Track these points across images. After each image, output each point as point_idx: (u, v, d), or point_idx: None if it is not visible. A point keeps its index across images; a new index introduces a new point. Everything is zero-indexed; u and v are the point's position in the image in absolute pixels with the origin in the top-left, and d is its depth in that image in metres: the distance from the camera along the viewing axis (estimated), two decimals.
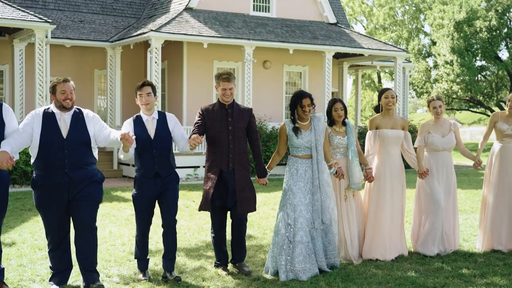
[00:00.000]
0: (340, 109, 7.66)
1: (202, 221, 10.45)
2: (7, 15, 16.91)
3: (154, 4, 23.29)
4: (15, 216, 11.03)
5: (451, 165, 8.31)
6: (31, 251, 8.13)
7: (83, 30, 21.04)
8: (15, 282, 6.59)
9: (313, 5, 23.14)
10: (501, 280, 6.77)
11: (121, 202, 13.08)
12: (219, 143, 6.89)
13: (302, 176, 7.04)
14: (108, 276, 6.91)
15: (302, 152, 7.09)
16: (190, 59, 21.02)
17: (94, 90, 22.28)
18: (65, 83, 6.17)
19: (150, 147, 6.64)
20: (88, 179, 6.19)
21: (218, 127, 6.89)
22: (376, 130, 8.02)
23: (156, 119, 6.74)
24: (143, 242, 6.83)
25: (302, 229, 6.89)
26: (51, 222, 6.23)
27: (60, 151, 6.07)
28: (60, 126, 6.14)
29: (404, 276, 6.88)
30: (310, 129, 7.12)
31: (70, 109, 6.20)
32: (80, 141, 6.15)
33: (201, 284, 6.60)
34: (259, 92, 21.74)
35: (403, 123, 8.11)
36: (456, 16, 37.94)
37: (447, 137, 8.18)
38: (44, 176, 6.12)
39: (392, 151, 7.95)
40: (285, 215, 6.97)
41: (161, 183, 6.68)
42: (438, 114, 8.20)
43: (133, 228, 9.89)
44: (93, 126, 6.29)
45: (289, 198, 7.01)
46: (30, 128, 6.11)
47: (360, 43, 22.63)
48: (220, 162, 6.90)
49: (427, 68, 42.37)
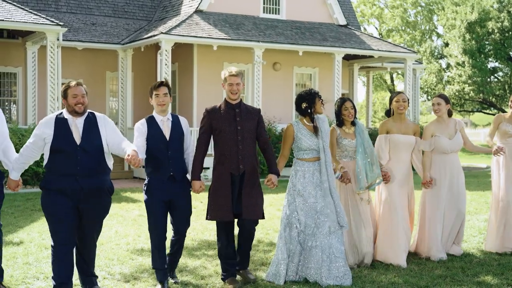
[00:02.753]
0: (350, 108, 7.43)
1: (206, 222, 10.57)
2: (19, 18, 17.19)
3: (165, 6, 23.51)
4: (25, 216, 11.25)
5: (459, 166, 8.13)
6: (37, 250, 8.33)
7: (95, 33, 21.30)
8: (20, 280, 6.79)
9: (323, 7, 23.24)
10: (493, 279, 6.86)
11: (130, 203, 13.27)
12: (227, 144, 6.53)
13: (310, 180, 6.81)
14: (110, 274, 7.09)
15: (309, 154, 6.86)
16: (200, 61, 21.21)
17: (106, 92, 22.54)
18: (76, 87, 5.93)
19: (166, 149, 6.42)
20: (98, 189, 5.99)
21: (226, 128, 6.55)
22: (386, 134, 7.78)
23: (171, 121, 6.55)
24: (160, 250, 6.50)
25: (314, 234, 6.70)
26: (56, 223, 5.97)
27: (72, 158, 5.86)
28: (73, 132, 5.92)
29: (398, 275, 7.00)
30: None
31: (82, 114, 5.99)
32: (93, 147, 5.93)
33: (199, 282, 6.77)
34: (268, 93, 21.87)
35: (415, 128, 7.87)
36: (468, 17, 37.89)
37: (455, 139, 7.97)
38: (54, 181, 5.92)
39: (402, 157, 7.73)
40: (295, 221, 6.76)
41: (175, 187, 6.45)
42: (436, 112, 8.01)
43: (139, 228, 10.09)
44: (106, 130, 6.05)
45: (299, 203, 6.78)
46: (41, 141, 5.95)
47: (370, 44, 22.71)
48: (229, 165, 6.54)
49: (439, 70, 42.30)
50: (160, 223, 6.46)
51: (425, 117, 66.12)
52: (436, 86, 41.75)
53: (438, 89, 41.60)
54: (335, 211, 6.74)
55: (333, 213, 6.72)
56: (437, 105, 8.02)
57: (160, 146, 6.42)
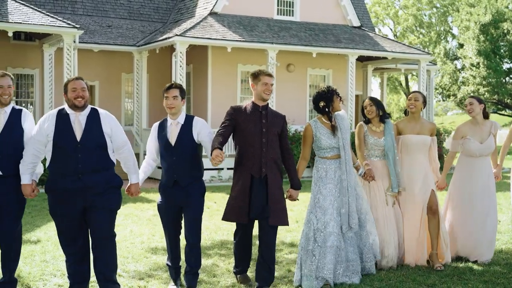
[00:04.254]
0: (369, 105, 7.32)
1: (220, 222, 10.71)
2: (36, 21, 17.47)
3: (180, 9, 23.74)
4: (42, 215, 11.48)
5: (490, 170, 7.85)
6: (54, 248, 8.53)
7: (110, 35, 21.56)
8: (37, 276, 6.99)
9: (336, 9, 23.35)
10: (499, 279, 6.95)
11: (145, 203, 13.47)
12: (251, 146, 6.32)
13: (331, 178, 6.71)
14: (125, 272, 7.27)
15: (330, 152, 6.73)
16: (215, 62, 21.41)
17: (121, 93, 22.81)
18: (75, 81, 5.78)
19: (170, 154, 6.27)
20: (104, 184, 5.78)
21: (251, 129, 6.33)
22: (399, 136, 7.54)
23: (181, 124, 6.31)
24: (173, 251, 6.54)
25: (334, 233, 6.59)
26: (65, 229, 5.90)
27: (73, 155, 5.67)
28: (74, 128, 5.73)
29: (406, 273, 7.12)
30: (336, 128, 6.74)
31: (83, 108, 5.78)
32: (95, 143, 5.73)
33: (211, 279, 6.93)
34: (282, 95, 22.01)
35: (432, 128, 7.59)
36: (482, 18, 37.82)
37: (486, 143, 7.71)
38: (57, 181, 5.76)
39: (417, 158, 7.46)
40: (314, 219, 6.67)
41: (183, 192, 6.26)
42: (469, 113, 7.76)
43: (153, 227, 10.27)
44: (109, 127, 5.85)
45: (319, 201, 6.69)
46: (43, 137, 5.77)
47: (383, 46, 22.79)
48: (251, 167, 6.31)
49: (454, 71, 42.24)
50: (172, 225, 6.44)
51: (440, 118, 65.99)
52: (451, 87, 41.71)
53: (452, 90, 41.54)
54: (348, 211, 6.67)
55: (346, 213, 6.66)
56: (469, 105, 7.80)
57: (165, 151, 6.31)
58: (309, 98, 23.11)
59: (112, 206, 5.90)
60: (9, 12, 17.52)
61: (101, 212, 5.80)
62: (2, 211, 5.94)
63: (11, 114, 6.03)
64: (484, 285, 6.67)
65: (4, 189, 5.91)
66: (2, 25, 16.96)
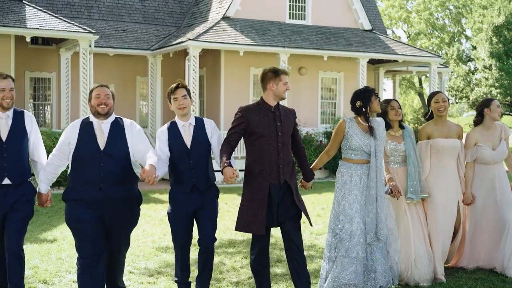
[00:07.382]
0: (397, 107, 6.93)
1: (229, 222, 11.08)
2: (53, 26, 17.96)
3: (194, 13, 24.14)
4: (58, 215, 11.88)
5: (505, 177, 7.37)
6: (69, 247, 8.93)
7: (125, 39, 22.00)
8: (53, 273, 7.42)
9: (348, 13, 23.63)
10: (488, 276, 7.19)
11: (158, 204, 13.88)
12: (267, 152, 5.82)
13: (357, 184, 6.31)
14: (136, 269, 7.67)
15: (358, 156, 6.34)
16: (227, 66, 21.78)
17: (136, 96, 23.26)
18: (100, 88, 5.62)
19: (187, 157, 5.87)
20: (125, 199, 5.59)
21: (266, 133, 5.84)
22: (428, 140, 7.09)
23: (193, 125, 6.00)
24: (183, 263, 6.05)
25: (360, 243, 6.24)
26: (82, 239, 5.57)
27: (95, 164, 5.48)
28: (97, 136, 5.55)
29: None
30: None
31: (107, 116, 5.60)
32: (118, 153, 5.54)
33: (217, 276, 7.30)
34: (294, 97, 22.29)
35: (459, 130, 7.15)
36: (495, 20, 37.94)
37: (499, 149, 7.27)
38: (77, 191, 5.53)
39: (446, 163, 7.05)
40: (337, 228, 6.32)
41: (199, 198, 5.89)
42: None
43: (165, 227, 10.62)
44: (132, 137, 5.64)
45: (344, 208, 6.31)
46: (66, 146, 5.63)
47: (394, 49, 23.05)
48: (269, 174, 5.81)
49: (466, 73, 42.34)
50: (183, 235, 5.99)
51: (455, 119, 65.91)
52: (464, 89, 41.82)
53: (465, 92, 41.65)
54: (376, 221, 6.28)
55: (373, 222, 6.27)
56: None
57: (181, 155, 5.90)
58: (320, 100, 23.40)
59: (129, 221, 5.76)
60: (27, 18, 18.03)
61: (118, 226, 5.66)
62: (10, 218, 5.68)
63: (14, 118, 5.79)
64: (474, 283, 6.93)
65: (12, 198, 5.68)
66: (20, 31, 17.49)
